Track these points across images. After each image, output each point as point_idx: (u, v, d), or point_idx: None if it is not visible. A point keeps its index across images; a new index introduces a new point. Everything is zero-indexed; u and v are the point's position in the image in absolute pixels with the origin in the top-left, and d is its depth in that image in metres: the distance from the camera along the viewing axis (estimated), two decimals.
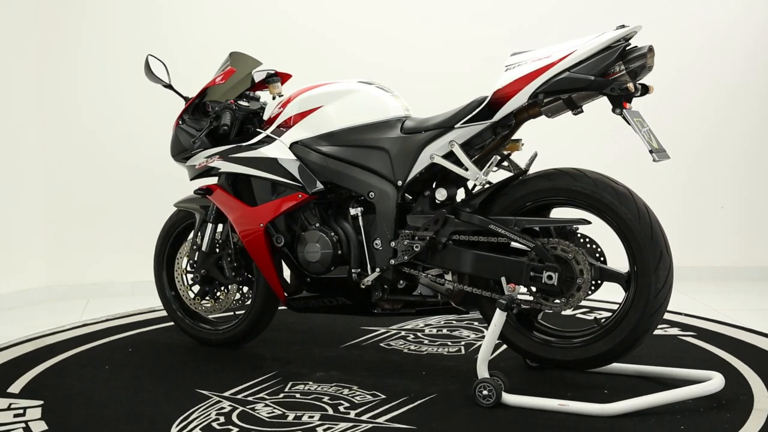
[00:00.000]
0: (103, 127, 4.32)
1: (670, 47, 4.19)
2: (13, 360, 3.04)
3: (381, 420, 2.31)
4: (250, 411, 2.40)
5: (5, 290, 4.12)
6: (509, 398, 2.38)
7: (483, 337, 3.20)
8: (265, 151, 2.80)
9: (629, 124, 2.33)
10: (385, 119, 2.71)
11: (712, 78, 4.48)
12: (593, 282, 2.44)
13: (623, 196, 2.40)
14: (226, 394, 2.56)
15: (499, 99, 2.43)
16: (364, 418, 2.33)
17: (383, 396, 2.51)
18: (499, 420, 2.29)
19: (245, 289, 3.09)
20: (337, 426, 2.27)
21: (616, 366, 2.61)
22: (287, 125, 2.81)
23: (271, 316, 3.07)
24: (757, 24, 4.47)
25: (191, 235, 3.12)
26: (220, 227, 3.07)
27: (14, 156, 4.15)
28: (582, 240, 2.52)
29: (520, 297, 2.45)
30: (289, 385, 2.63)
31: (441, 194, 2.60)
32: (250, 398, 2.52)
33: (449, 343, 3.14)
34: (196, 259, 3.06)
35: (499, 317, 2.43)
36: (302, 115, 2.77)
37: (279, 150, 2.79)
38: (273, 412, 2.38)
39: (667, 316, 3.32)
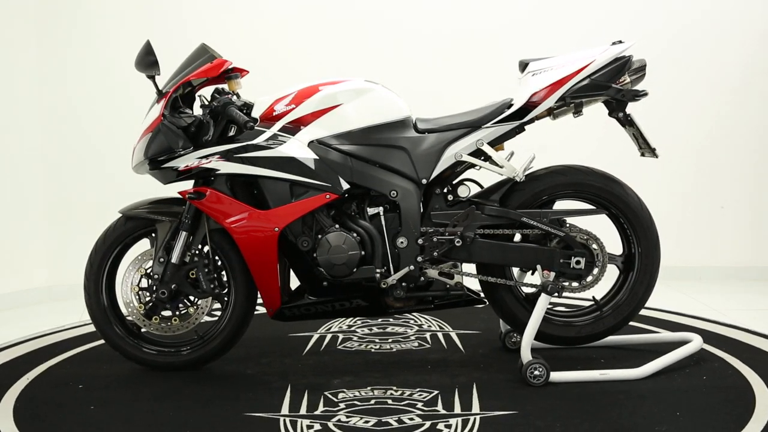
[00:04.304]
0: (103, 127, 4.29)
1: (670, 47, 4.26)
2: (13, 360, 2.99)
3: (474, 411, 2.36)
4: (343, 424, 2.27)
5: (5, 290, 4.10)
6: (554, 375, 2.60)
7: (420, 330, 3.34)
8: (284, 150, 2.60)
9: (634, 125, 2.70)
10: (399, 119, 2.72)
11: (713, 78, 4.40)
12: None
13: (627, 188, 2.77)
14: (284, 412, 2.36)
15: (534, 101, 2.63)
16: (455, 411, 2.36)
17: (435, 391, 2.54)
18: (567, 393, 2.51)
19: (202, 302, 2.81)
20: (450, 422, 2.27)
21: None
22: (301, 123, 2.64)
23: (245, 329, 2.84)
24: (758, 23, 4.39)
25: (155, 246, 2.73)
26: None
27: (15, 157, 4.14)
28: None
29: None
30: (331, 395, 2.51)
31: (463, 191, 2.71)
32: (317, 413, 2.36)
33: (400, 339, 3.21)
34: (162, 272, 2.70)
35: (544, 301, 2.63)
36: (320, 113, 2.63)
37: (299, 149, 2.61)
38: (368, 422, 2.28)
39: (667, 316, 3.46)
